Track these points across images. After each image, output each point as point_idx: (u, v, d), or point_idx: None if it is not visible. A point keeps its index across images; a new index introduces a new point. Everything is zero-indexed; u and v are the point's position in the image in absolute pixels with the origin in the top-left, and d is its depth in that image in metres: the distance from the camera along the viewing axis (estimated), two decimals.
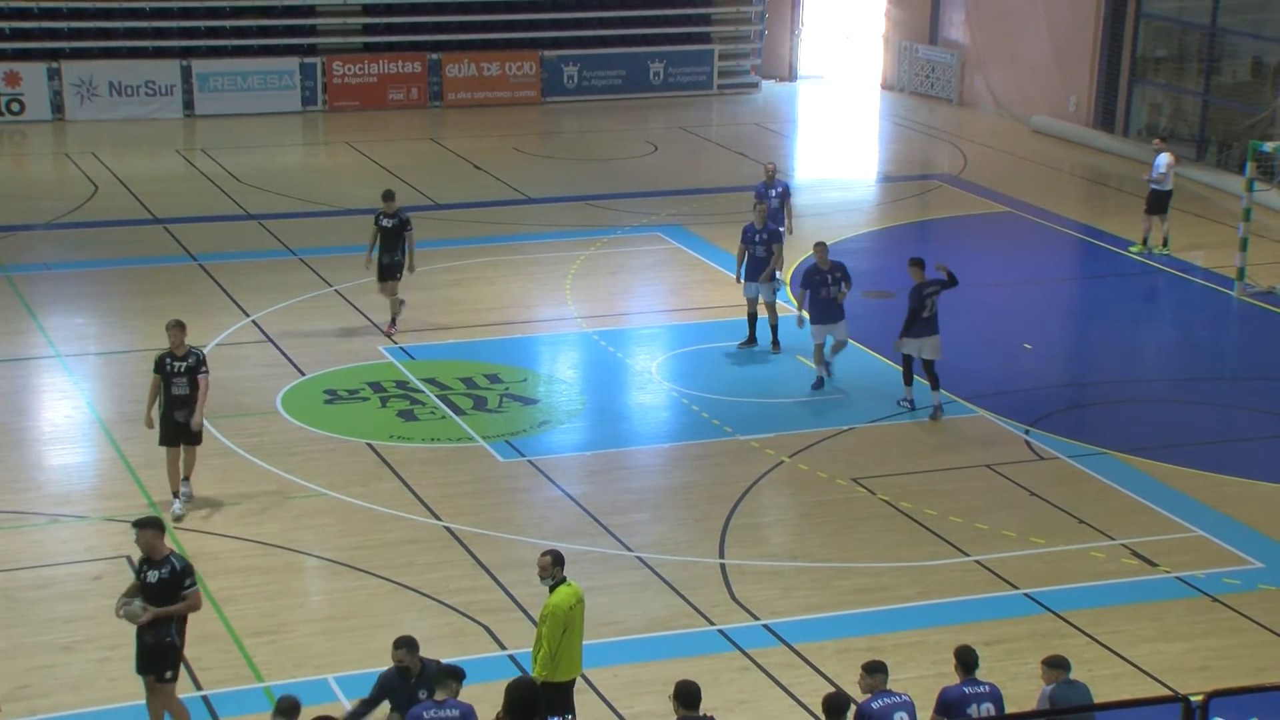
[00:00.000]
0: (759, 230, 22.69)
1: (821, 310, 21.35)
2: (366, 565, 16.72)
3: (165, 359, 17.65)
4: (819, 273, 21.34)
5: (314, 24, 39.34)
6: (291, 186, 31.50)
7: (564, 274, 26.30)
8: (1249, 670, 15.07)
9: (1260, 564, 17.25)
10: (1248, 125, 32.76)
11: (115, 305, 24.64)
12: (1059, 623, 15.93)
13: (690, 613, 15.97)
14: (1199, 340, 24.81)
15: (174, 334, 17.65)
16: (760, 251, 22.60)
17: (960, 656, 12.50)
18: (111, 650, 15.00)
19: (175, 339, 17.63)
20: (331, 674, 14.74)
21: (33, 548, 17.12)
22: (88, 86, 36.54)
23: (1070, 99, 36.99)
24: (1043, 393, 22.06)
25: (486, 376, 21.85)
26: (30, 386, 21.68)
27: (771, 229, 23.01)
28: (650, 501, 18.60)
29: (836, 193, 32.08)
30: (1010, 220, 30.45)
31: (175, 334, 17.65)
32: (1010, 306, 25.70)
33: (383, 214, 23.13)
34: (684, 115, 38.81)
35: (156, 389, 17.66)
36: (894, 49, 42.36)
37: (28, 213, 29.43)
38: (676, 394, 21.53)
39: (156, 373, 17.64)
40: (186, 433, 17.77)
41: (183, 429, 17.72)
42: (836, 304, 21.36)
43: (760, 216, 22.80)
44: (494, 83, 39.35)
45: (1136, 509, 18.49)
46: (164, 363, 17.64)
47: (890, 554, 17.29)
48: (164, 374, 17.60)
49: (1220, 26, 34.25)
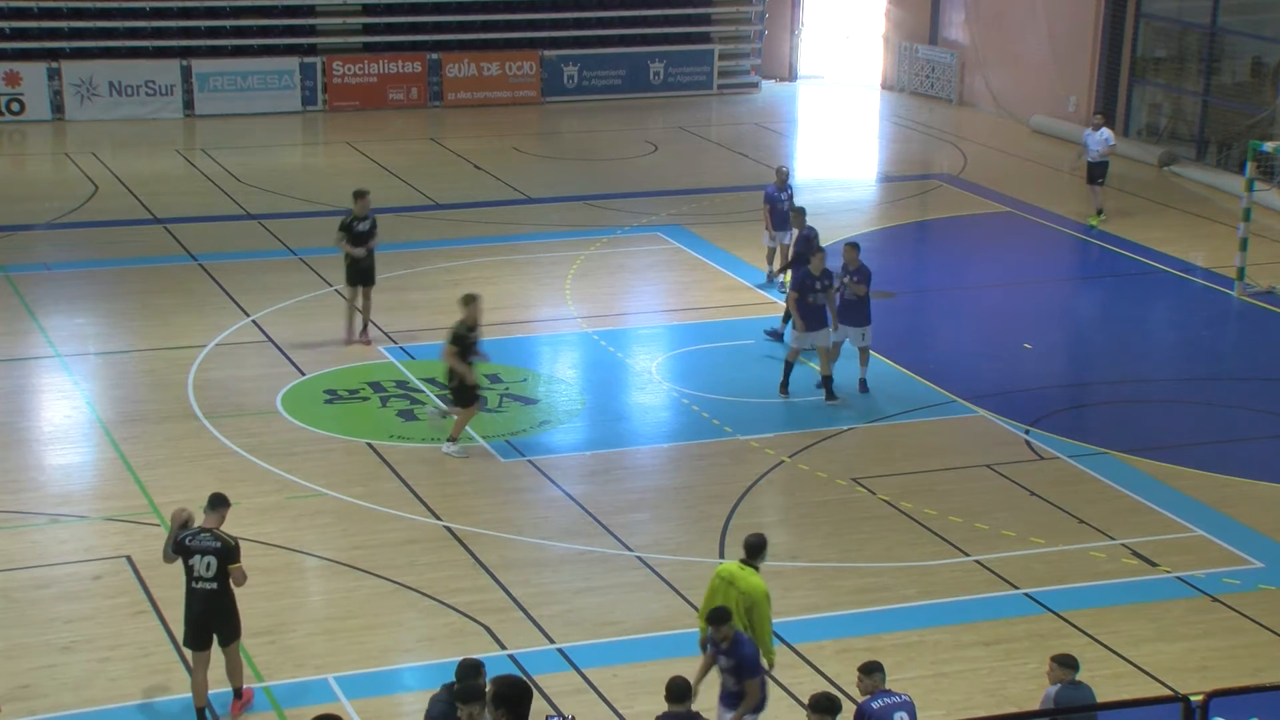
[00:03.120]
0: (817, 277, 21.11)
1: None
2: (367, 565, 16.73)
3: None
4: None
5: (314, 24, 39.33)
6: (291, 186, 31.50)
7: (564, 274, 26.30)
8: (1249, 670, 15.08)
9: (1260, 564, 17.26)
10: (1247, 125, 32.76)
11: (115, 305, 24.64)
12: (1059, 623, 15.94)
13: (690, 613, 15.95)
14: (1199, 340, 24.81)
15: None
16: (821, 299, 21.12)
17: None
18: (112, 650, 15.02)
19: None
20: (332, 674, 14.73)
21: (32, 548, 17.12)
22: (88, 86, 36.54)
23: (1070, 99, 36.99)
24: (1043, 393, 22.06)
25: (486, 376, 21.82)
26: (30, 386, 21.68)
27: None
28: (650, 501, 18.60)
29: (836, 193, 32.07)
30: (1010, 220, 30.45)
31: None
32: (1010, 306, 25.70)
33: (355, 218, 22.67)
34: (684, 115, 38.81)
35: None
36: (894, 49, 42.36)
37: (28, 213, 29.43)
38: (676, 394, 21.53)
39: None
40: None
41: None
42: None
43: (819, 263, 21.15)
44: (494, 83, 39.35)
45: (1136, 509, 18.50)
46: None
47: (890, 554, 17.29)
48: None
49: (1220, 26, 34.24)
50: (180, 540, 13.79)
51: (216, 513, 13.95)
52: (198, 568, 13.73)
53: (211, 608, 13.81)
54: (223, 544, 13.76)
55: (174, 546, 13.84)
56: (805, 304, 21.13)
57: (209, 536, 13.78)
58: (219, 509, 13.98)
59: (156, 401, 20.89)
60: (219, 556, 13.70)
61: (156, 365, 22.20)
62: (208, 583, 13.75)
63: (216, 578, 13.74)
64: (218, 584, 13.76)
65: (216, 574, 13.72)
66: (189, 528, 13.84)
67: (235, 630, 14.02)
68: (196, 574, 13.75)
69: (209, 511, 13.94)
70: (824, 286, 21.17)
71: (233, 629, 13.99)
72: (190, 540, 13.76)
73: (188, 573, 13.80)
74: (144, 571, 16.39)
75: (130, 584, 16.24)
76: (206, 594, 13.78)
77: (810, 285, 21.14)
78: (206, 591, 13.77)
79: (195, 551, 13.73)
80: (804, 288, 21.17)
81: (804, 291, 21.15)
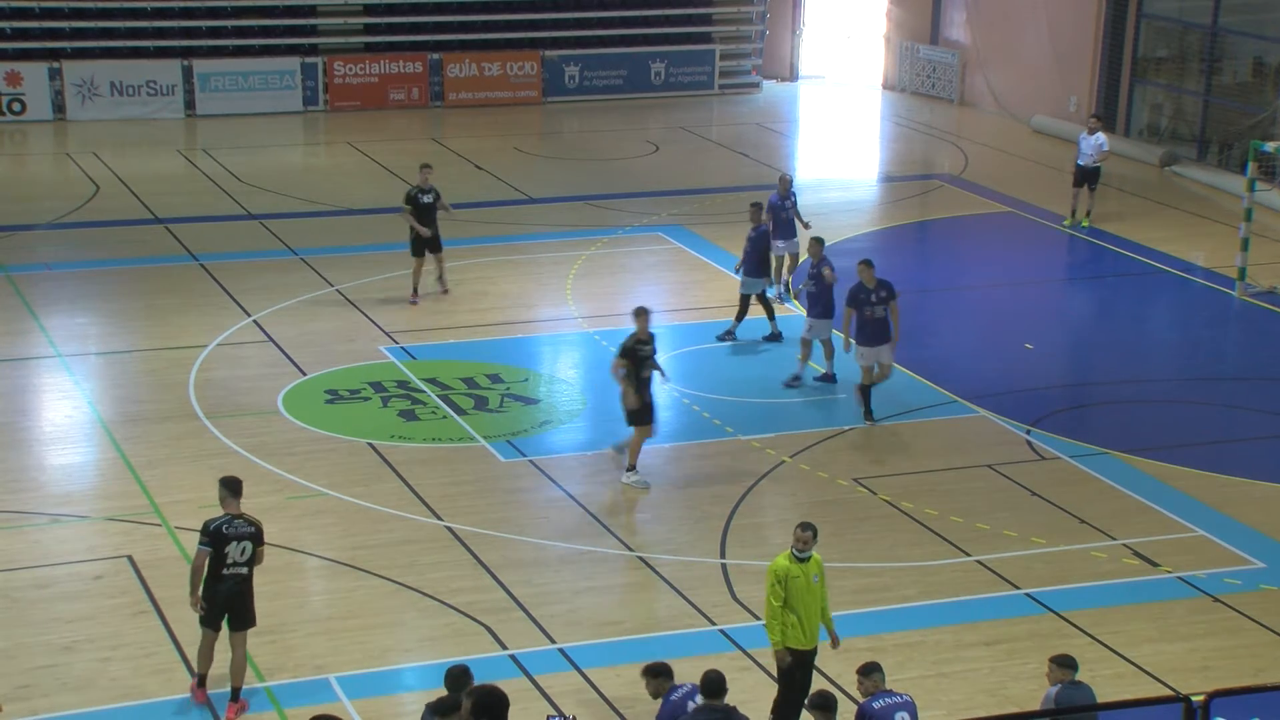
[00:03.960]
0: (872, 290, 20.42)
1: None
2: (368, 565, 16.73)
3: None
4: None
5: (315, 24, 39.34)
6: (292, 186, 31.51)
7: (565, 274, 26.30)
8: (1250, 670, 15.08)
9: (1261, 564, 17.25)
10: (1249, 125, 32.76)
11: (116, 305, 24.65)
12: (1060, 623, 15.93)
13: (691, 613, 15.98)
14: (1200, 340, 24.80)
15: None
16: (880, 312, 20.41)
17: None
18: (113, 650, 15.02)
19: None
20: (333, 674, 14.73)
21: (33, 548, 17.12)
22: (89, 86, 36.54)
23: (1071, 99, 36.99)
24: (1044, 393, 22.06)
25: (488, 376, 21.86)
26: (31, 386, 21.68)
27: (887, 283, 20.58)
28: (651, 501, 18.60)
29: (837, 193, 32.06)
30: (1011, 220, 30.45)
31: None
32: (1011, 306, 25.70)
33: (419, 189, 24.45)
34: (685, 115, 38.80)
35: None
36: (895, 49, 42.35)
37: (29, 213, 29.43)
38: (678, 394, 21.52)
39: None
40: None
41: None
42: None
43: (869, 274, 20.44)
44: (495, 83, 39.34)
45: (1138, 509, 18.49)
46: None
47: (891, 554, 17.29)
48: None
49: (1221, 26, 34.24)
50: (217, 530, 13.78)
51: (238, 497, 14.01)
52: (233, 554, 13.80)
53: (240, 591, 13.93)
54: (256, 528, 13.95)
55: (211, 539, 13.76)
56: (863, 318, 20.39)
57: (243, 522, 13.89)
58: (239, 493, 14.04)
59: (158, 401, 20.90)
60: (254, 540, 13.88)
61: (158, 365, 22.21)
62: (241, 567, 13.88)
63: (248, 562, 13.89)
64: (248, 569, 13.91)
65: (249, 558, 13.89)
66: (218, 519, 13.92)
67: (250, 618, 14.11)
68: (231, 560, 13.80)
69: (233, 498, 13.97)
70: (880, 299, 20.37)
71: (249, 615, 14.09)
72: (227, 528, 13.81)
73: (219, 561, 13.78)
74: (145, 571, 16.40)
75: (131, 584, 16.24)
76: (239, 579, 13.89)
77: (865, 299, 20.38)
78: (239, 576, 13.88)
79: (233, 539, 13.80)
80: (858, 301, 20.40)
81: (860, 306, 20.41)
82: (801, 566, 13.57)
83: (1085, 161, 29.54)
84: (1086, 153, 29.52)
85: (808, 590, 13.57)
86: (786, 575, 13.53)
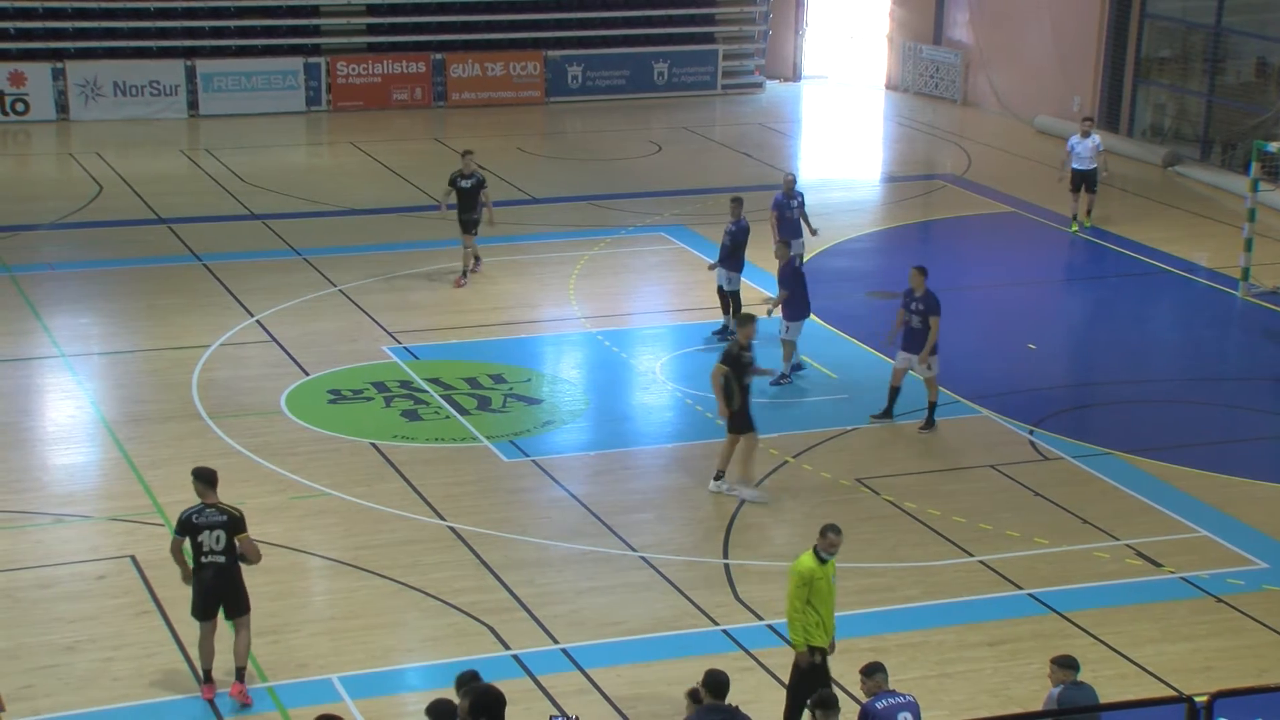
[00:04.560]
0: (918, 298, 20.22)
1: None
2: (370, 565, 16.73)
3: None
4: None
5: (318, 24, 39.34)
6: (295, 186, 31.51)
7: (568, 274, 26.30)
8: (1253, 671, 15.07)
9: (1265, 564, 17.24)
10: (1252, 125, 32.74)
11: (119, 305, 24.66)
12: (1063, 623, 15.93)
13: (694, 613, 15.97)
14: (1203, 341, 24.79)
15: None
16: (916, 322, 20.21)
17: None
18: (115, 650, 15.02)
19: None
20: (335, 674, 14.74)
21: (36, 548, 17.12)
22: (92, 86, 36.55)
23: (1074, 99, 36.96)
24: (1047, 393, 22.05)
25: (491, 376, 21.86)
26: (34, 386, 21.68)
27: (932, 296, 20.20)
28: (654, 501, 18.60)
29: (840, 193, 32.05)
30: (1014, 220, 30.43)
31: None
32: (1014, 307, 25.69)
33: (460, 174, 25.17)
34: (688, 115, 38.79)
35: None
36: (898, 49, 42.34)
37: (32, 213, 29.44)
38: (680, 394, 21.52)
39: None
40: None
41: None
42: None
43: (919, 281, 20.24)
44: (498, 83, 39.35)
45: (1141, 509, 18.48)
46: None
47: (894, 554, 17.28)
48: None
49: (1224, 26, 34.23)
50: (186, 519, 13.98)
51: (213, 488, 14.14)
52: (207, 543, 13.94)
53: (220, 579, 14.02)
54: (229, 516, 14.01)
55: (180, 528, 14.01)
56: (906, 323, 20.28)
57: (214, 511, 14.00)
58: (214, 484, 14.17)
59: (160, 401, 20.91)
60: (227, 529, 13.95)
61: (160, 365, 22.22)
62: (218, 555, 13.98)
63: (225, 550, 13.96)
64: (226, 557, 13.98)
65: (225, 547, 13.95)
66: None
67: (243, 604, 14.20)
68: (206, 549, 13.96)
69: (208, 489, 14.11)
70: (918, 311, 20.12)
71: (241, 602, 14.17)
72: (196, 518, 13.96)
73: (196, 550, 13.98)
74: (148, 571, 16.40)
75: (134, 584, 16.25)
76: (216, 567, 14.00)
77: (907, 304, 20.25)
78: (217, 565, 13.99)
79: (203, 528, 13.94)
80: (906, 304, 20.26)
81: (905, 307, 20.27)
82: (824, 568, 13.59)
83: (1083, 165, 29.29)
84: (1084, 156, 29.26)
85: (829, 591, 13.60)
86: (812, 577, 13.50)
